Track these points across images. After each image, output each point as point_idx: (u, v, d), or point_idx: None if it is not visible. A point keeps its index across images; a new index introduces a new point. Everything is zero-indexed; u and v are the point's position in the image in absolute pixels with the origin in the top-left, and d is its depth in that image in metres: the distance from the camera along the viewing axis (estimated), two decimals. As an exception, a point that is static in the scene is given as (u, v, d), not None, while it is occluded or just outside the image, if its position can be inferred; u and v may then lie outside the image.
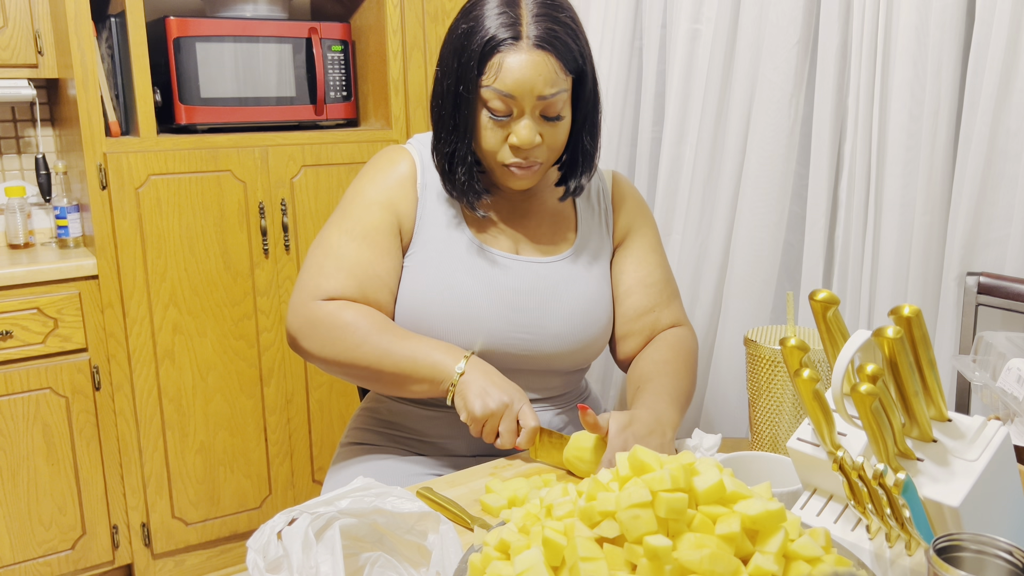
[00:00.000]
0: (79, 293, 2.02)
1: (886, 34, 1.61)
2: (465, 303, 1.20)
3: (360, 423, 1.37)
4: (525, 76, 1.12)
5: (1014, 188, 1.50)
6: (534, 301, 1.23)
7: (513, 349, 1.23)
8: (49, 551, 2.08)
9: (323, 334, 1.18)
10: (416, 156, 1.28)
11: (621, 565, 0.67)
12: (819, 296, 0.81)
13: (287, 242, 2.23)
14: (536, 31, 1.12)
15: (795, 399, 1.13)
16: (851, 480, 0.77)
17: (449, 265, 1.22)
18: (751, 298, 1.87)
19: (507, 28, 1.12)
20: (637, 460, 0.73)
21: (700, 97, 1.91)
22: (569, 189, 1.26)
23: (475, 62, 1.13)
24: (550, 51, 1.13)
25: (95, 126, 2.00)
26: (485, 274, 1.22)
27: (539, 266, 1.26)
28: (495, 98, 1.14)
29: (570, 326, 1.24)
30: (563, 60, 1.14)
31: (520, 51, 1.12)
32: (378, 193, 1.25)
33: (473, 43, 1.13)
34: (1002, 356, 1.14)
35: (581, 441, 1.10)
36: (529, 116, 1.15)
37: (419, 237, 1.24)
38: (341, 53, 2.34)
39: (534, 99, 1.13)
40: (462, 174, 1.20)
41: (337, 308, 1.19)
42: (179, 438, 2.18)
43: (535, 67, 1.12)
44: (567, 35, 1.14)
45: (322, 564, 0.78)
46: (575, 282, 1.26)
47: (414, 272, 1.23)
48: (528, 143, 1.15)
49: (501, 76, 1.12)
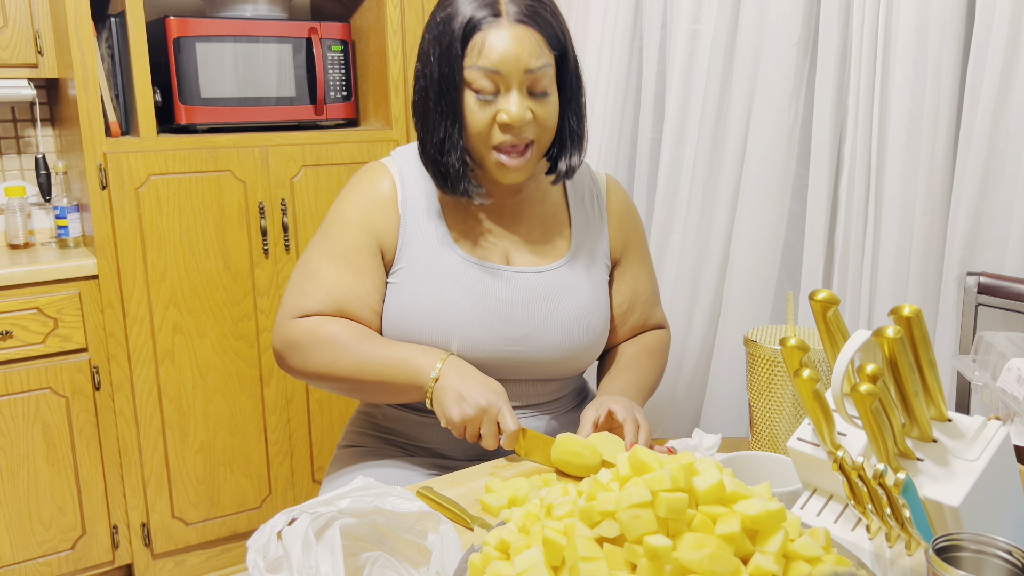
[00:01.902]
0: (79, 293, 2.02)
1: (886, 34, 1.61)
2: (454, 318, 1.19)
3: (356, 426, 1.37)
4: (510, 50, 1.10)
5: (1014, 188, 1.50)
6: (527, 313, 1.22)
7: (506, 361, 1.22)
8: (49, 551, 2.08)
9: (303, 350, 1.20)
10: (396, 173, 1.25)
11: (621, 565, 0.67)
12: (819, 296, 0.81)
13: (287, 242, 2.23)
14: (516, 7, 1.11)
15: (795, 399, 1.13)
16: (851, 480, 0.77)
17: (437, 281, 1.20)
18: (751, 298, 1.87)
19: (485, 7, 1.11)
20: (637, 460, 0.73)
21: (700, 97, 1.91)
22: (560, 172, 1.22)
23: (458, 44, 1.11)
24: (532, 25, 1.11)
25: (95, 126, 2.00)
26: (474, 288, 1.20)
27: (532, 276, 1.23)
28: (481, 77, 1.11)
29: (565, 336, 1.23)
30: (545, 35, 1.13)
31: (502, 27, 1.11)
32: (357, 215, 1.23)
33: (453, 26, 1.12)
34: (1002, 356, 1.14)
35: (567, 444, 1.09)
36: (517, 91, 1.12)
37: (403, 254, 1.22)
38: (341, 53, 2.34)
39: (521, 73, 1.11)
40: (455, 160, 1.16)
41: (316, 323, 1.20)
42: (179, 438, 2.18)
43: (519, 41, 1.10)
44: (546, 12, 1.14)
45: (322, 564, 0.78)
46: (570, 290, 1.25)
47: (401, 289, 1.22)
48: (519, 119, 1.12)
49: (485, 53, 1.10)
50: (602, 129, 2.10)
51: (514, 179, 1.19)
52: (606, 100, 2.09)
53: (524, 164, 1.17)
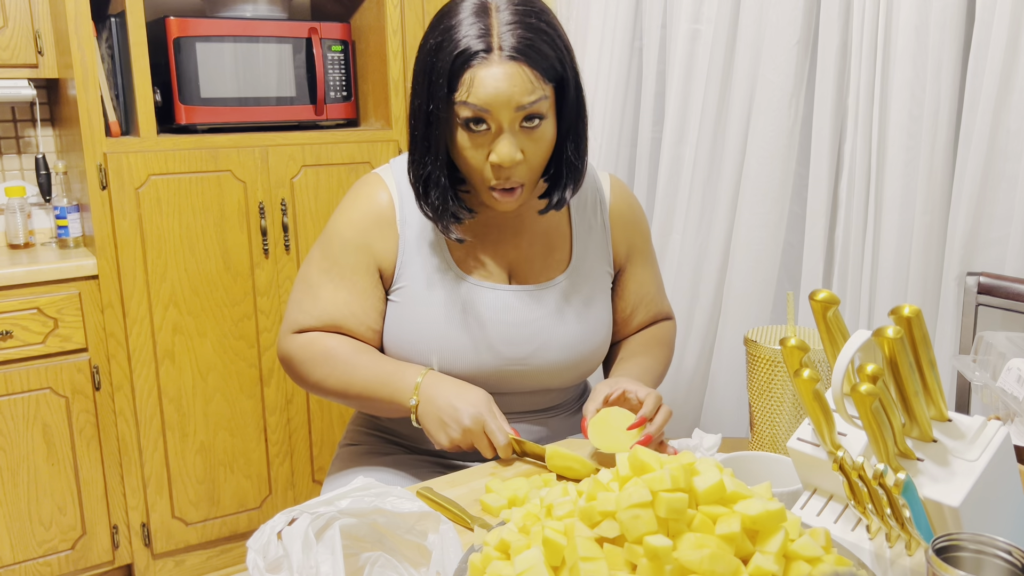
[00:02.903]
0: (79, 293, 2.02)
1: (886, 34, 1.61)
2: (455, 340, 1.18)
3: (358, 425, 1.37)
4: (500, 89, 1.05)
5: (1014, 188, 1.50)
6: (529, 333, 1.21)
7: (508, 377, 1.21)
8: (49, 551, 2.08)
9: (299, 364, 1.23)
10: (395, 188, 1.22)
11: (621, 565, 0.67)
12: (819, 296, 0.81)
13: (287, 242, 2.23)
14: (509, 41, 1.05)
15: (795, 399, 1.13)
16: (851, 480, 0.77)
17: (437, 302, 1.19)
18: (751, 298, 1.88)
19: (478, 40, 1.05)
20: (637, 460, 0.73)
21: (700, 97, 1.91)
22: (552, 202, 1.18)
23: (444, 79, 1.06)
24: (524, 61, 1.05)
25: (95, 126, 2.00)
26: (476, 311, 1.19)
27: (534, 294, 1.22)
28: (471, 113, 1.07)
29: (568, 351, 1.23)
30: (539, 69, 1.07)
31: (491, 64, 1.05)
32: (354, 234, 1.21)
33: (442, 58, 1.06)
34: (1002, 356, 1.14)
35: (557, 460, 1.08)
36: (508, 131, 1.08)
37: (403, 273, 1.21)
38: (341, 53, 2.34)
39: (511, 111, 1.06)
40: (435, 198, 1.14)
41: (312, 338, 1.22)
42: (179, 438, 2.18)
43: (509, 79, 1.05)
44: (544, 42, 1.07)
45: (322, 564, 0.78)
46: (572, 305, 1.23)
47: (400, 308, 1.21)
48: (509, 160, 1.08)
49: (474, 91, 1.05)
50: (602, 129, 2.10)
51: (508, 209, 1.16)
52: (606, 100, 2.09)
53: (515, 199, 1.14)
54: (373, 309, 1.22)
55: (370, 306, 1.22)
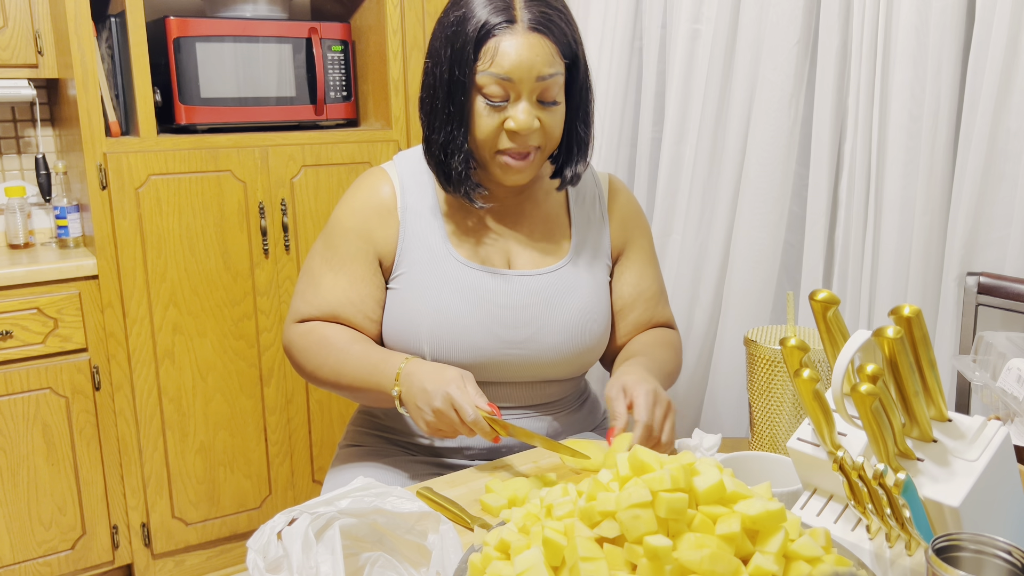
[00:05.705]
0: (79, 293, 2.02)
1: (886, 34, 1.61)
2: (453, 324, 1.19)
3: (358, 425, 1.37)
4: (523, 58, 1.10)
5: (1014, 188, 1.50)
6: (527, 316, 1.22)
7: (507, 364, 1.22)
8: (49, 551, 2.08)
9: (298, 353, 1.25)
10: (397, 179, 1.26)
11: (621, 565, 0.67)
12: (819, 296, 0.81)
13: (287, 242, 2.23)
14: (530, 14, 1.12)
15: (795, 399, 1.13)
16: (851, 480, 0.77)
17: (436, 287, 1.21)
18: (751, 298, 1.88)
19: (500, 12, 1.11)
20: (637, 460, 0.73)
21: (700, 97, 1.91)
22: (565, 179, 1.23)
23: (471, 47, 1.11)
24: (546, 34, 1.12)
25: (95, 126, 2.00)
26: (474, 294, 1.21)
27: (533, 279, 1.24)
28: (492, 83, 1.12)
29: (566, 338, 1.23)
30: (558, 43, 1.13)
31: (516, 34, 1.11)
32: (355, 223, 1.24)
33: (467, 29, 1.12)
34: (1002, 356, 1.14)
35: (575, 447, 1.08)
36: (526, 100, 1.13)
37: (403, 260, 1.23)
38: (341, 53, 2.34)
39: (533, 81, 1.12)
40: (458, 163, 1.17)
41: (311, 327, 1.24)
42: (179, 438, 2.18)
43: (532, 48, 1.11)
44: (560, 20, 1.14)
45: (322, 564, 0.78)
46: (571, 293, 1.25)
47: (400, 295, 1.23)
48: (527, 127, 1.13)
49: (498, 60, 1.11)
50: (602, 129, 2.11)
51: (517, 181, 1.20)
52: (606, 100, 2.09)
53: (528, 166, 1.18)
54: (371, 298, 1.23)
55: (368, 294, 1.23)
